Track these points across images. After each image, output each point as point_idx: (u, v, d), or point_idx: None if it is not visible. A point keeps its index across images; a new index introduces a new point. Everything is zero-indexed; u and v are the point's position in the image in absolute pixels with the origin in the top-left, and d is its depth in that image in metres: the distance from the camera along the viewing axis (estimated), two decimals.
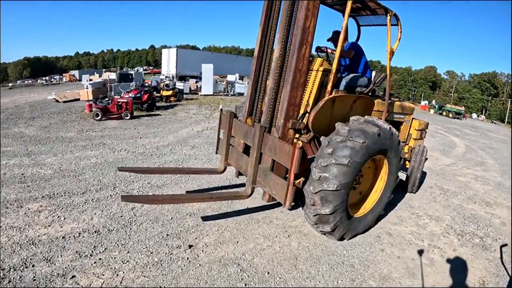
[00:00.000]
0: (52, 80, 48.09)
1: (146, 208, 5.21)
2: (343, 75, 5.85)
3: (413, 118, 7.25)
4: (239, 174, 5.51)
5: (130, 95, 15.50)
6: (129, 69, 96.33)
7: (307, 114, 4.90)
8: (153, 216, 5.02)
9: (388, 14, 5.47)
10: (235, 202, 5.69)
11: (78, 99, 19.39)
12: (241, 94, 27.93)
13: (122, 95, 15.94)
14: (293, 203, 4.23)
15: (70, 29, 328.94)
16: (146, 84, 19.02)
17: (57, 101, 18.78)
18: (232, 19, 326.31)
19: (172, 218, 5.01)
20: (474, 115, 70.52)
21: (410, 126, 7.22)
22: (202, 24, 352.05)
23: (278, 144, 4.31)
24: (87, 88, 18.71)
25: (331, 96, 4.64)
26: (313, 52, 5.32)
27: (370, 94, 5.81)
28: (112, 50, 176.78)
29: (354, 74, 5.83)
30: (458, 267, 4.64)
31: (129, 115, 13.59)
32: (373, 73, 6.16)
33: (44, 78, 51.05)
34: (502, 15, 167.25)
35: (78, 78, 45.47)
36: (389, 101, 6.07)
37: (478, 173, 10.67)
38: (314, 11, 4.27)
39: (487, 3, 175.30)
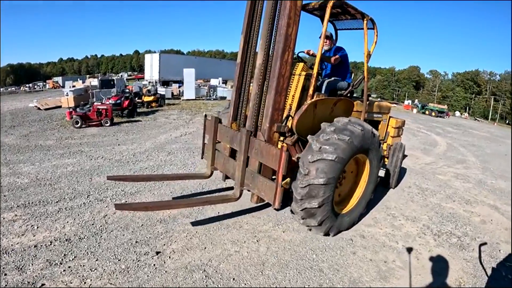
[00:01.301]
0: (35, 87, 47.59)
1: (117, 216, 5.18)
2: (325, 79, 6.10)
3: (390, 117, 7.57)
4: (226, 177, 5.63)
5: (110, 101, 15.33)
6: (113, 74, 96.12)
7: (290, 118, 5.07)
8: (124, 223, 4.97)
9: (365, 19, 5.72)
10: (206, 208, 5.66)
11: (60, 106, 19.08)
12: (223, 98, 27.82)
13: (103, 102, 15.76)
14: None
15: (54, 35, 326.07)
16: (127, 90, 18.75)
17: (39, 108, 18.53)
18: (216, 22, 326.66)
19: (142, 225, 4.95)
20: (458, 113, 71.50)
21: (388, 125, 7.55)
22: (186, 28, 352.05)
23: (265, 148, 4.46)
24: (67, 95, 18.53)
25: (313, 100, 4.84)
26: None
27: (349, 95, 6.07)
28: (96, 55, 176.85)
29: (335, 78, 6.11)
30: (433, 269, 4.57)
31: (109, 122, 13.40)
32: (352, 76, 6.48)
33: (27, 85, 50.43)
34: (483, 14, 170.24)
35: (61, 85, 44.85)
36: (367, 101, 6.26)
37: (458, 171, 10.67)
38: (296, 19, 4.42)
39: (468, 3, 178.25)
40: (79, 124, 12.67)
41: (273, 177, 4.53)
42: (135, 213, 5.25)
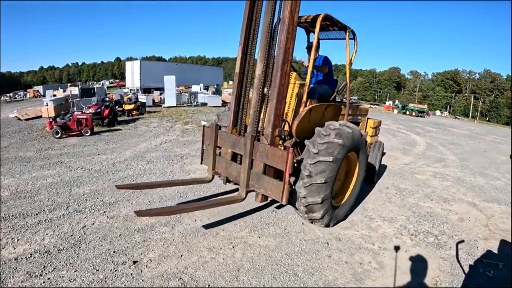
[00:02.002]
0: (16, 96, 46.73)
1: (96, 226, 5.19)
2: (314, 86, 6.57)
3: (368, 118, 8.19)
4: (227, 181, 5.85)
5: (90, 110, 15.11)
6: (94, 82, 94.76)
7: (286, 123, 5.65)
8: (102, 233, 4.96)
9: (347, 30, 6.38)
10: (183, 215, 5.66)
11: (41, 116, 18.63)
12: (204, 104, 27.62)
13: (84, 111, 15.40)
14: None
15: (34, 43, 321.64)
16: (108, 99, 18.39)
17: (19, 119, 18.15)
18: (197, 28, 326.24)
19: (120, 234, 4.95)
20: (438, 112, 72.49)
21: (366, 125, 8.15)
22: (168, 34, 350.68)
23: (270, 150, 4.87)
24: (47, 105, 18.18)
25: (310, 106, 5.55)
26: None
27: (335, 100, 6.84)
28: (77, 63, 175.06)
29: (322, 85, 6.64)
30: (410, 269, 4.62)
31: (89, 131, 13.17)
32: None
33: (8, 94, 49.47)
34: (461, 14, 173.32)
35: (42, 94, 44.07)
36: (350, 105, 6.84)
37: (437, 169, 10.81)
38: (293, 34, 4.90)
39: (446, 4, 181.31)
40: (59, 134, 12.44)
41: (277, 177, 5.04)
42: (113, 223, 5.30)
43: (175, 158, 9.70)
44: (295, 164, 4.79)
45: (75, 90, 31.88)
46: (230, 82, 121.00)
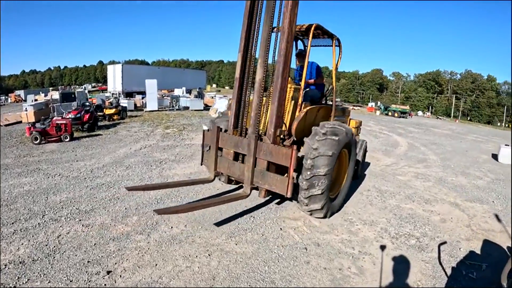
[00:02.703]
0: None
1: (71, 235, 5.06)
2: (307, 90, 7.05)
3: (350, 119, 8.88)
4: (229, 180, 6.40)
5: (70, 116, 14.74)
6: (77, 86, 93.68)
7: (283, 124, 6.04)
8: (77, 243, 4.83)
9: (334, 38, 7.08)
10: (160, 223, 5.57)
11: (21, 122, 18.26)
12: (186, 108, 27.43)
13: (64, 116, 15.13)
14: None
15: (15, 46, 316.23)
16: (88, 103, 17.90)
17: None
18: (181, 32, 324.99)
19: (95, 244, 4.83)
20: (420, 113, 73.43)
21: (348, 125, 8.57)
22: (151, 38, 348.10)
23: (274, 149, 5.37)
24: (27, 111, 17.84)
25: (307, 108, 6.28)
26: None
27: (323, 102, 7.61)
28: (59, 67, 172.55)
29: (313, 88, 7.33)
30: (390, 273, 4.56)
31: (68, 137, 12.80)
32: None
33: None
34: (442, 16, 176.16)
35: (23, 99, 43.33)
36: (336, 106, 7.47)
37: (419, 170, 10.83)
38: (292, 43, 5.57)
39: (427, 4, 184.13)
40: (38, 141, 12.12)
41: (279, 173, 5.55)
42: (89, 231, 5.19)
43: (154, 163, 9.52)
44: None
45: (56, 95, 31.30)
46: (214, 85, 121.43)
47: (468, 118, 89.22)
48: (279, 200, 6.82)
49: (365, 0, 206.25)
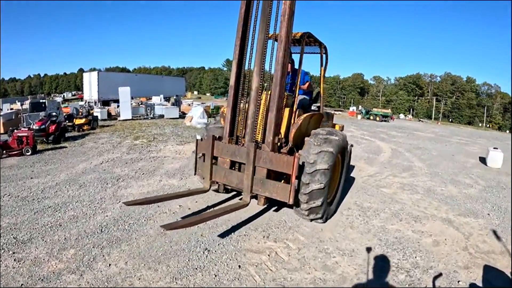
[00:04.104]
0: None
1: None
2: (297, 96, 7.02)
3: (333, 123, 8.70)
4: (226, 190, 6.56)
5: (34, 127, 13.97)
6: (56, 94, 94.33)
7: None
8: (4, 282, 4.09)
9: (322, 46, 7.48)
10: (97, 260, 4.68)
11: None
12: (161, 117, 26.69)
13: (31, 127, 14.35)
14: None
15: None
16: (54, 113, 16.97)
17: None
18: (163, 39, 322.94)
19: (22, 284, 4.07)
20: (402, 116, 74.31)
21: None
22: (133, 45, 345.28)
23: (274, 157, 5.30)
24: None
25: (303, 116, 6.31)
26: None
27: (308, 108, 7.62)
28: (39, 75, 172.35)
29: (304, 96, 7.42)
30: None
31: (30, 150, 11.88)
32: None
33: None
34: (420, 18, 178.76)
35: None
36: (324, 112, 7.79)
37: (405, 180, 9.95)
38: (288, 51, 5.63)
39: (407, 6, 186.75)
40: None
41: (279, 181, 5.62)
42: (19, 268, 4.42)
43: (110, 181, 8.60)
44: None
45: (26, 105, 30.48)
46: (195, 92, 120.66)
47: (450, 119, 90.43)
48: (241, 229, 5.93)
49: (343, 0, 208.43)
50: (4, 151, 11.37)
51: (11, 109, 25.33)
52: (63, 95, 66.13)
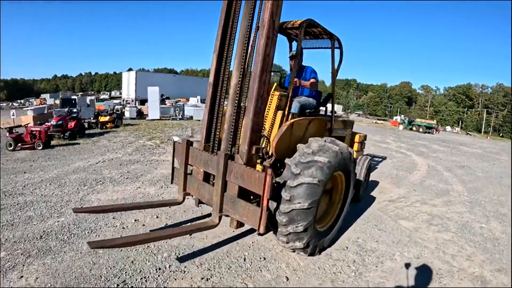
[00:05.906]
0: (27, 103, 48.46)
1: None
2: (296, 97, 6.14)
3: (353, 132, 8.03)
4: (200, 202, 5.44)
5: (52, 122, 15.00)
6: (105, 92, 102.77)
7: (265, 139, 5.40)
8: None
9: (333, 39, 6.31)
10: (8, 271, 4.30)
11: (21, 125, 18.41)
12: (190, 118, 27.28)
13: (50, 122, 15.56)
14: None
15: (48, 51, 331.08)
16: (75, 110, 17.71)
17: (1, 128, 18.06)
18: (210, 41, 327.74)
19: None
20: (449, 128, 71.87)
21: (352, 140, 7.99)
22: (180, 47, 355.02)
23: (246, 171, 4.32)
24: (27, 114, 19.02)
25: (291, 121, 5.23)
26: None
27: (317, 113, 6.59)
28: (90, 73, 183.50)
29: (305, 97, 6.25)
30: None
31: (41, 144, 12.79)
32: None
33: (19, 101, 50.82)
34: (473, 29, 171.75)
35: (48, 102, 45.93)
36: (334, 118, 6.68)
37: (435, 209, 7.97)
38: (274, 38, 4.52)
39: (457, 18, 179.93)
40: (12, 147, 12.33)
41: (253, 201, 4.67)
42: None
43: (90, 183, 8.39)
44: (275, 185, 4.33)
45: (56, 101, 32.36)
46: None
47: (500, 134, 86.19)
48: (187, 260, 4.81)
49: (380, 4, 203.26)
50: (18, 144, 12.52)
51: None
52: (109, 93, 68.82)
